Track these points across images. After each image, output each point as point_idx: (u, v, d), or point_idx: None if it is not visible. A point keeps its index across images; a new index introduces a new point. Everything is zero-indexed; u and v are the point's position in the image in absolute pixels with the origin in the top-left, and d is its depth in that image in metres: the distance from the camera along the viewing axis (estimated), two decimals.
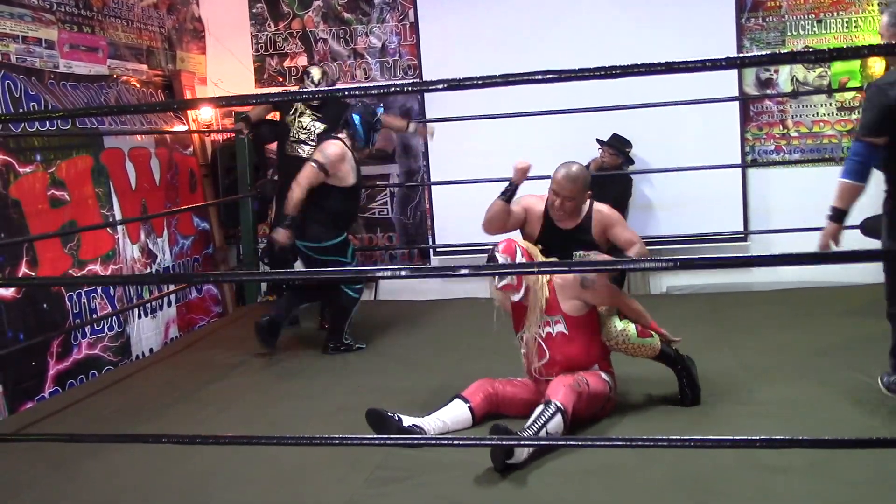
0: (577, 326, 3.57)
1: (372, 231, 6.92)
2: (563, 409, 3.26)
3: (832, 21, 6.06)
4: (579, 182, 3.84)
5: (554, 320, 3.57)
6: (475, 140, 6.30)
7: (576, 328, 3.57)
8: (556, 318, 3.57)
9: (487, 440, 3.09)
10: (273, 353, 5.06)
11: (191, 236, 6.27)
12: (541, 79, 2.15)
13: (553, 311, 3.57)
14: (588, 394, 3.43)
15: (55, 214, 4.75)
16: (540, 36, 6.32)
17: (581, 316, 3.58)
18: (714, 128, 6.14)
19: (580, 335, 3.57)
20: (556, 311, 3.57)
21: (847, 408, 3.56)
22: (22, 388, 4.40)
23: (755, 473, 2.94)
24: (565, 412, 3.26)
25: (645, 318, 3.66)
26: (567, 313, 3.56)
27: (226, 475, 3.26)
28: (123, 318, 5.29)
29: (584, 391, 3.41)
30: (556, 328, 3.57)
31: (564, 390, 3.34)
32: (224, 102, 6.59)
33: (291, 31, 6.89)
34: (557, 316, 3.57)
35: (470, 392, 3.60)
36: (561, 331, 3.57)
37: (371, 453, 3.29)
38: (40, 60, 4.91)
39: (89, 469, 3.39)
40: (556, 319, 3.57)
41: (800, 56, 5.74)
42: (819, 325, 4.92)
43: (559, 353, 3.57)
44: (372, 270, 4.03)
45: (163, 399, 4.35)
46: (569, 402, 3.30)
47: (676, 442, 2.57)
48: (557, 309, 3.57)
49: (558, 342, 3.57)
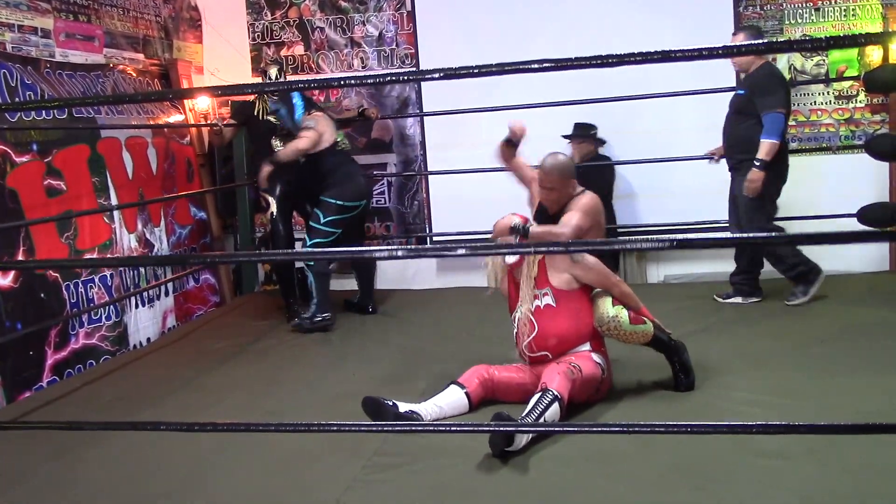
0: (565, 300, 3.62)
1: (370, 220, 6.93)
2: (559, 397, 3.29)
3: (830, 9, 6.05)
4: (562, 173, 3.97)
5: (542, 293, 3.64)
6: (472, 129, 6.29)
7: (564, 301, 3.62)
8: (543, 290, 3.64)
9: (485, 426, 3.10)
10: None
11: (188, 225, 6.27)
12: (537, 68, 2.15)
13: (541, 285, 3.65)
14: (581, 380, 3.47)
15: (52, 204, 4.74)
16: (537, 24, 6.30)
17: (570, 291, 3.63)
18: (711, 117, 6.12)
19: (567, 309, 3.62)
20: (544, 284, 3.64)
21: (843, 394, 3.58)
22: (20, 378, 4.40)
23: (752, 459, 2.95)
24: (562, 400, 3.30)
25: (635, 301, 3.67)
26: (555, 286, 3.63)
27: (224, 462, 3.27)
28: (121, 308, 5.30)
29: (578, 378, 3.45)
30: (543, 300, 3.64)
31: (559, 378, 3.37)
32: (220, 92, 6.59)
33: (288, 19, 6.87)
34: (545, 289, 3.64)
35: (466, 378, 3.64)
36: (549, 303, 3.63)
37: (369, 440, 3.30)
38: (36, 49, 4.89)
39: (88, 457, 3.40)
40: (543, 292, 3.64)
41: (797, 44, 5.73)
42: (816, 312, 4.94)
43: (547, 326, 3.62)
44: (368, 251, 4.14)
45: (161, 388, 4.35)
46: (564, 389, 3.34)
47: (674, 428, 2.58)
48: (545, 282, 3.64)
49: (546, 315, 3.63)
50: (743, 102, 5.07)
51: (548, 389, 3.31)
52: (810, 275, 5.08)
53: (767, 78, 5.03)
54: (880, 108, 6.02)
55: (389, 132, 6.84)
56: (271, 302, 6.16)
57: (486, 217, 3.82)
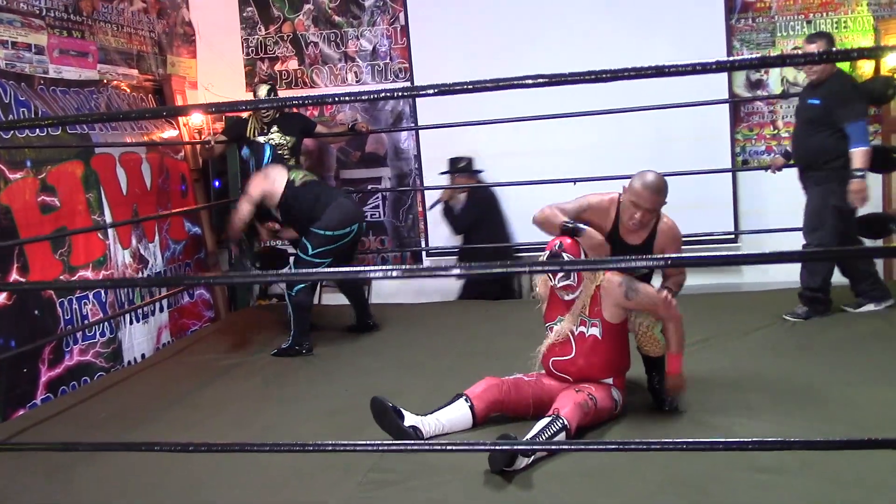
0: (612, 334, 3.55)
1: (364, 234, 6.92)
2: (568, 427, 3.25)
3: (821, 22, 6.07)
4: (662, 192, 3.65)
5: (591, 322, 3.55)
6: (466, 143, 6.30)
7: (609, 335, 3.55)
8: (594, 320, 3.55)
9: (481, 445, 3.09)
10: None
11: (182, 241, 6.25)
12: (531, 83, 2.15)
13: (594, 314, 3.55)
14: (594, 412, 3.43)
15: (46, 221, 4.73)
16: (531, 39, 6.32)
17: (618, 324, 3.56)
18: (705, 129, 6.15)
19: (611, 344, 3.56)
20: (596, 314, 3.55)
21: (837, 407, 3.58)
22: (14, 395, 4.38)
23: (748, 474, 2.95)
24: (569, 430, 3.25)
25: (680, 338, 3.57)
26: (606, 319, 3.54)
27: (219, 481, 3.25)
28: (115, 324, 5.28)
29: (591, 411, 3.40)
30: (590, 330, 3.55)
31: (572, 407, 3.32)
32: (214, 109, 6.58)
33: (282, 34, 6.88)
34: (597, 319, 3.55)
35: (475, 393, 3.56)
36: (595, 334, 3.54)
37: (364, 456, 3.29)
38: (30, 66, 4.89)
39: (82, 476, 3.38)
40: (593, 322, 3.55)
41: (789, 59, 5.73)
42: (810, 325, 4.94)
43: (584, 355, 3.56)
44: (363, 271, 3.98)
45: (155, 404, 4.34)
46: (574, 419, 3.29)
47: (670, 444, 2.58)
48: (598, 313, 3.55)
49: (588, 344, 3.55)
50: (818, 113, 4.91)
51: (559, 417, 3.27)
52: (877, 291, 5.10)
53: (844, 88, 4.91)
54: (873, 120, 6.03)
55: (384, 146, 6.84)
56: (266, 317, 6.15)
57: None
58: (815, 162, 4.96)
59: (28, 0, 4.91)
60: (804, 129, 5.06)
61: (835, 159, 4.85)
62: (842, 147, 4.80)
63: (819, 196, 4.97)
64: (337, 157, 6.91)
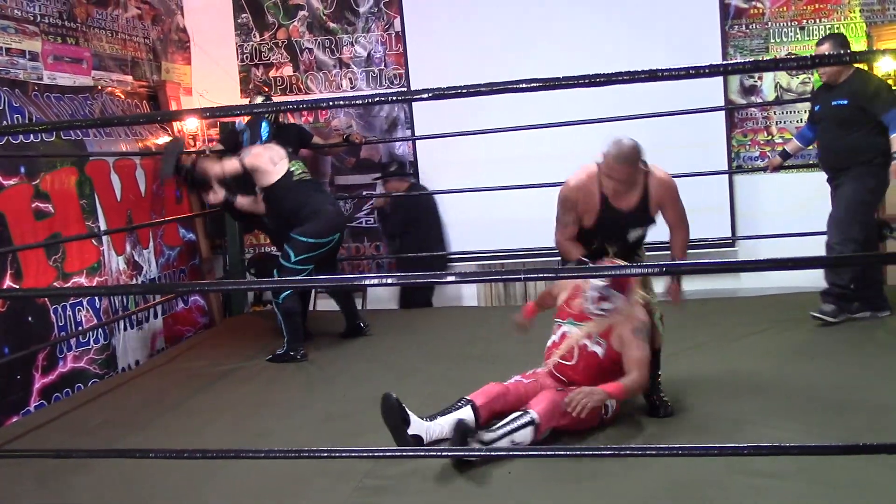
0: (611, 357, 3.55)
1: (359, 241, 6.92)
2: (536, 423, 3.26)
3: (815, 28, 6.10)
4: (634, 162, 3.54)
5: (598, 340, 3.55)
6: (462, 149, 6.30)
7: (610, 358, 3.55)
8: (601, 340, 3.55)
9: (477, 451, 3.08)
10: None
11: (177, 247, 6.24)
12: (525, 87, 2.15)
13: (603, 334, 3.56)
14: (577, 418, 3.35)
15: (40, 227, 4.72)
16: (526, 44, 6.34)
17: (619, 352, 3.55)
18: (701, 135, 6.16)
19: (609, 363, 3.55)
20: (605, 334, 3.56)
21: (832, 411, 3.57)
22: (7, 402, 4.36)
23: (744, 479, 2.94)
24: (537, 427, 3.26)
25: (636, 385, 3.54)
26: (612, 343, 3.55)
27: (214, 488, 3.24)
28: (109, 331, 5.26)
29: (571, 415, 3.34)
30: (594, 347, 3.55)
31: (546, 405, 3.32)
32: (208, 114, 6.58)
33: (277, 40, 6.89)
34: (603, 340, 3.55)
35: (479, 397, 3.53)
36: (597, 352, 3.55)
37: (360, 461, 3.28)
38: (24, 72, 4.89)
39: (76, 483, 3.37)
40: (598, 341, 3.56)
41: (782, 63, 5.73)
42: (806, 330, 4.94)
43: (585, 368, 3.56)
44: (358, 278, 4.01)
45: (150, 411, 4.32)
46: (545, 416, 3.29)
47: (665, 450, 2.57)
48: (607, 334, 3.55)
49: (590, 359, 3.56)
50: (849, 112, 4.84)
51: (528, 411, 3.29)
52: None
53: (871, 82, 4.86)
54: None
55: (378, 152, 6.84)
56: (261, 323, 6.14)
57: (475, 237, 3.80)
58: (852, 162, 4.87)
59: (22, 6, 4.90)
60: (835, 132, 4.94)
61: (872, 157, 4.79)
62: (877, 143, 4.74)
63: (853, 191, 4.88)
64: (332, 164, 6.91)
